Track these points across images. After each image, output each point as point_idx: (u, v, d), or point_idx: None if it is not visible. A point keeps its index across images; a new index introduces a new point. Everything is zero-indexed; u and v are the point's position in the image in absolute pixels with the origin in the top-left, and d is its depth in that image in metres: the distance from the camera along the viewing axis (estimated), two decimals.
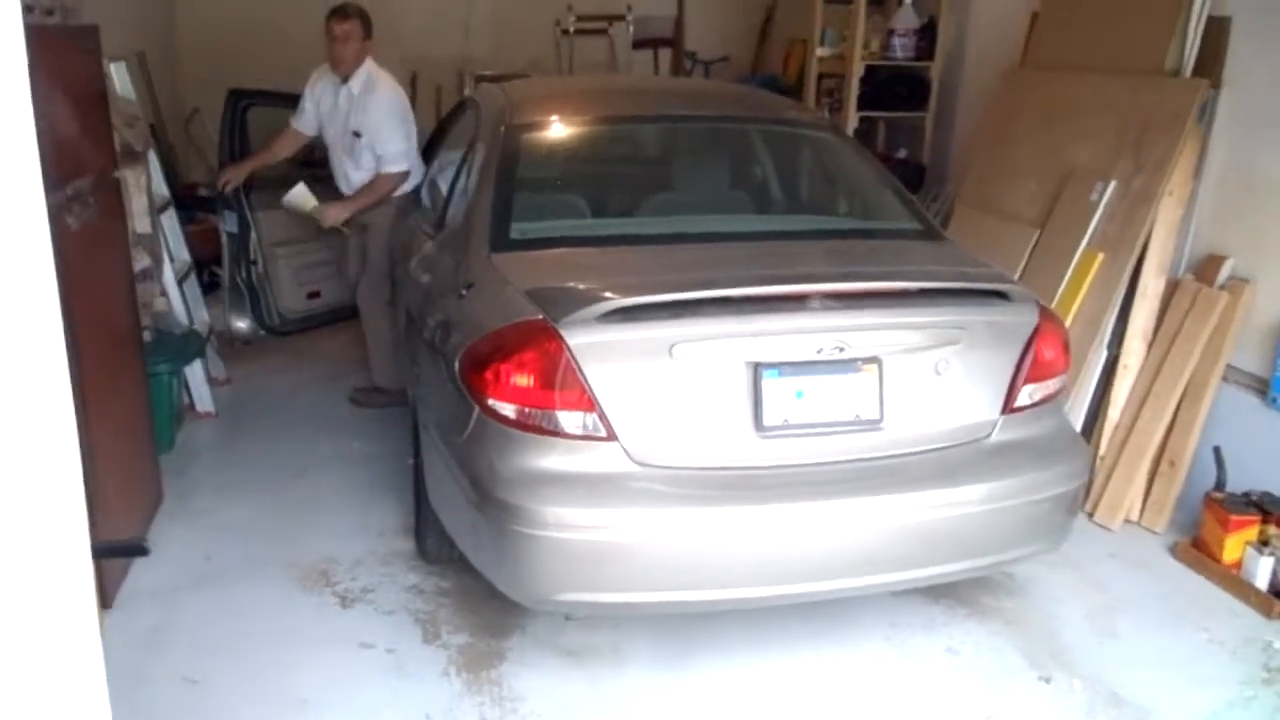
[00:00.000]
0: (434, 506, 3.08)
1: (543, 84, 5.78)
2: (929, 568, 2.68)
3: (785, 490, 2.55)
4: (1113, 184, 4.06)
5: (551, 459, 2.51)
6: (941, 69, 5.71)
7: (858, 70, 5.63)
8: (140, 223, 4.08)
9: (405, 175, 4.45)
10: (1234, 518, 3.41)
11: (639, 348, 2.51)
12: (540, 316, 2.54)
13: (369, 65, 4.42)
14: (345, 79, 4.41)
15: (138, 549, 1.58)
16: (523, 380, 2.52)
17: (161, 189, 4.69)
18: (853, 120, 5.64)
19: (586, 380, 2.49)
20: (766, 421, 2.56)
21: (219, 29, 7.26)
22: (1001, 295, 2.79)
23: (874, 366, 2.61)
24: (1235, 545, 3.41)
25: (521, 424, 2.53)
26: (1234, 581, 3.38)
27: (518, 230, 3.09)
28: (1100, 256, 4.04)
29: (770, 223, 3.56)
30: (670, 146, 3.95)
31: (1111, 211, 4.05)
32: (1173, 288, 3.95)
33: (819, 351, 2.55)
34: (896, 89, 5.74)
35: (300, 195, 4.43)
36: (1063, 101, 4.47)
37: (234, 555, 3.47)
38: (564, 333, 2.48)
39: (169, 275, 4.51)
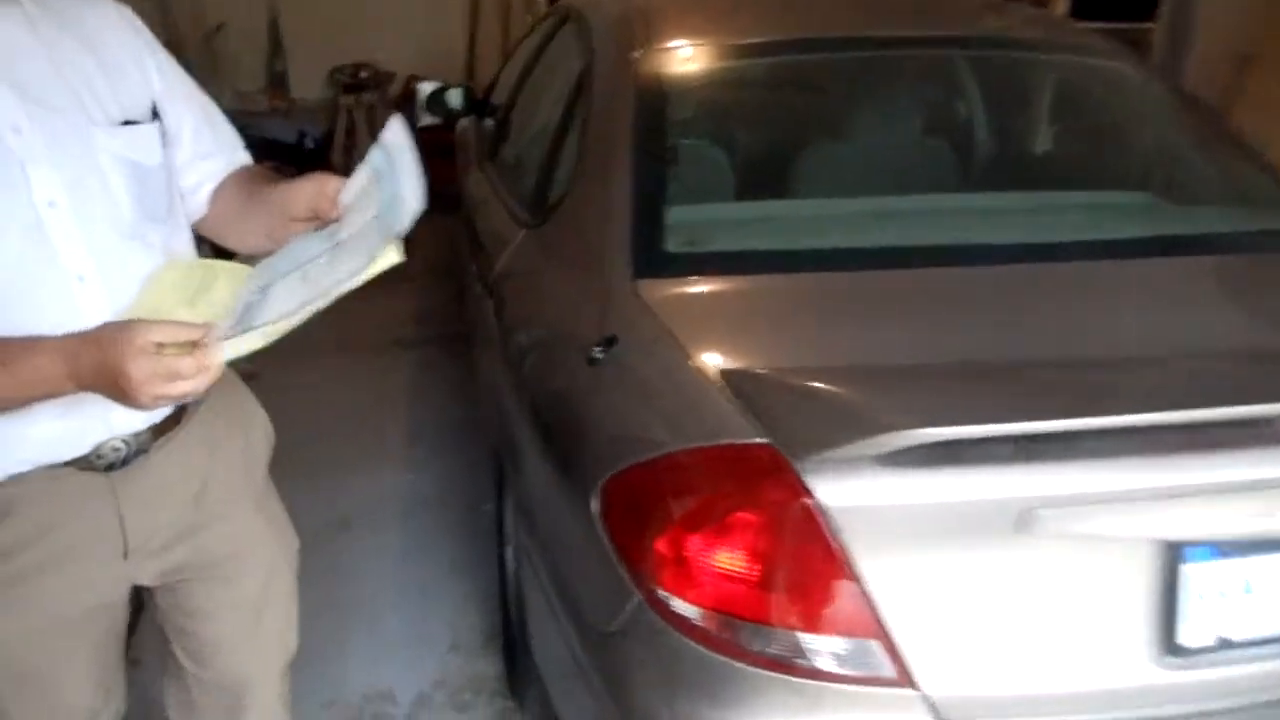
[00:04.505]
0: (543, 675, 1.96)
1: None
2: None
3: None
4: None
5: (787, 717, 1.35)
6: None
7: None
8: None
9: None
10: None
11: (959, 514, 1.31)
12: (763, 441, 1.35)
13: None
14: None
15: None
16: (731, 562, 1.35)
17: None
18: None
19: (856, 571, 1.31)
20: (1185, 639, 1.37)
21: None
22: None
23: None
24: None
25: (725, 643, 1.36)
26: None
27: (678, 237, 1.86)
28: None
29: (1095, 225, 2.08)
30: (909, 90, 2.52)
31: None
32: None
33: None
34: None
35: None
36: None
37: None
38: (811, 480, 1.30)
39: None
